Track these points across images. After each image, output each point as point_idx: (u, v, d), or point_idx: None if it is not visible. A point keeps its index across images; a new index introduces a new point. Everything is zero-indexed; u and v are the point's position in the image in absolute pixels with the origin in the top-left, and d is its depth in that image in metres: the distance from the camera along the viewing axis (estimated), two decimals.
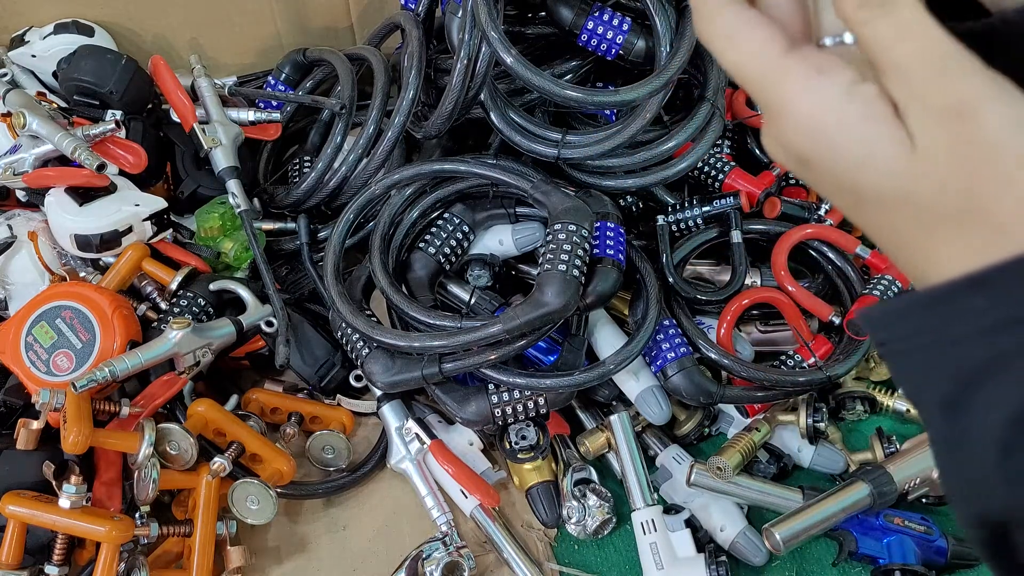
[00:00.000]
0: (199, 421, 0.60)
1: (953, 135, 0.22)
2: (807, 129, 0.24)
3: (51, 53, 0.72)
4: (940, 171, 0.22)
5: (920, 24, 0.22)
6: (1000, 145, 0.22)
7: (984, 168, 0.22)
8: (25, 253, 0.65)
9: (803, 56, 0.24)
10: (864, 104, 0.23)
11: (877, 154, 0.23)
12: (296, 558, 0.61)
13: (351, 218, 0.66)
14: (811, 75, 0.24)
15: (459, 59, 0.62)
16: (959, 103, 0.22)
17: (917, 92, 0.23)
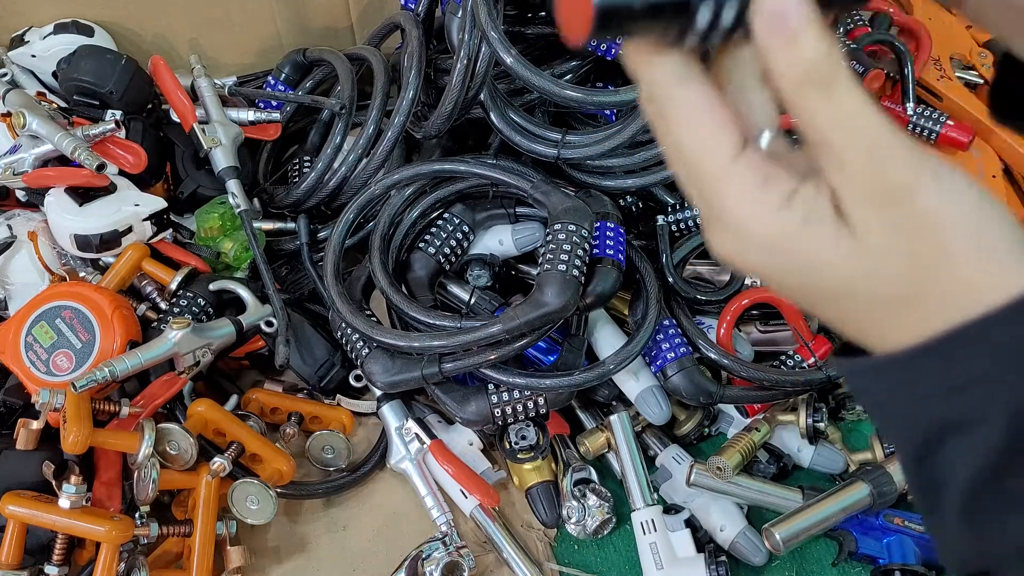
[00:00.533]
0: (199, 421, 0.60)
1: (889, 221, 0.23)
2: (750, 244, 0.24)
3: (51, 53, 0.72)
4: (882, 259, 0.23)
5: (856, 106, 0.22)
6: (935, 223, 0.22)
7: (923, 247, 0.23)
8: (25, 253, 0.65)
9: (749, 164, 0.24)
10: (804, 210, 0.23)
11: (820, 258, 0.24)
12: (296, 558, 0.61)
13: (351, 218, 0.66)
14: (755, 188, 0.24)
15: (459, 59, 0.62)
16: (893, 188, 0.22)
17: (855, 181, 0.23)
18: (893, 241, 0.23)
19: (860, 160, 0.22)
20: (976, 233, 0.23)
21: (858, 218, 0.23)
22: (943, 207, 0.22)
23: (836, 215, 0.23)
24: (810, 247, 0.24)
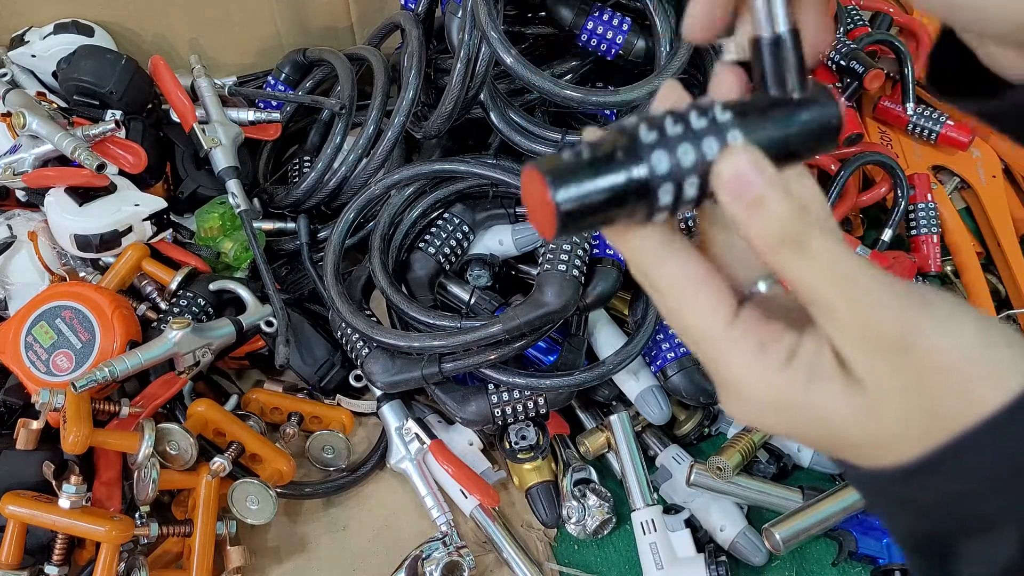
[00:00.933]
0: (199, 421, 0.60)
1: (893, 370, 0.22)
2: (761, 407, 0.24)
3: (51, 53, 0.72)
4: (893, 407, 0.23)
5: (835, 260, 0.22)
6: (941, 366, 0.22)
7: (933, 391, 0.22)
8: (25, 253, 0.65)
9: (745, 329, 0.24)
10: (807, 369, 0.23)
11: (832, 413, 0.23)
12: (296, 558, 0.61)
13: (351, 218, 0.66)
14: (755, 353, 0.23)
15: (459, 59, 0.62)
16: (890, 337, 0.22)
17: (849, 332, 0.22)
18: (901, 389, 0.22)
19: (851, 313, 0.22)
20: (980, 361, 0.22)
21: (861, 369, 0.23)
22: (946, 349, 0.22)
23: (839, 368, 0.23)
24: (819, 404, 0.23)
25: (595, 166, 0.22)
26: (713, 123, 0.23)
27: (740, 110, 0.23)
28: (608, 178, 0.22)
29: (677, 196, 0.23)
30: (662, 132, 0.23)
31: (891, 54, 0.79)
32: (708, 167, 0.22)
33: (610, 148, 0.22)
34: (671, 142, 0.22)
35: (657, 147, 0.22)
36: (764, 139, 0.23)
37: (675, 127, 0.23)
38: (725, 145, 0.22)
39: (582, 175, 0.22)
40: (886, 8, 0.84)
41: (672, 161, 0.22)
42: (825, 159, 0.74)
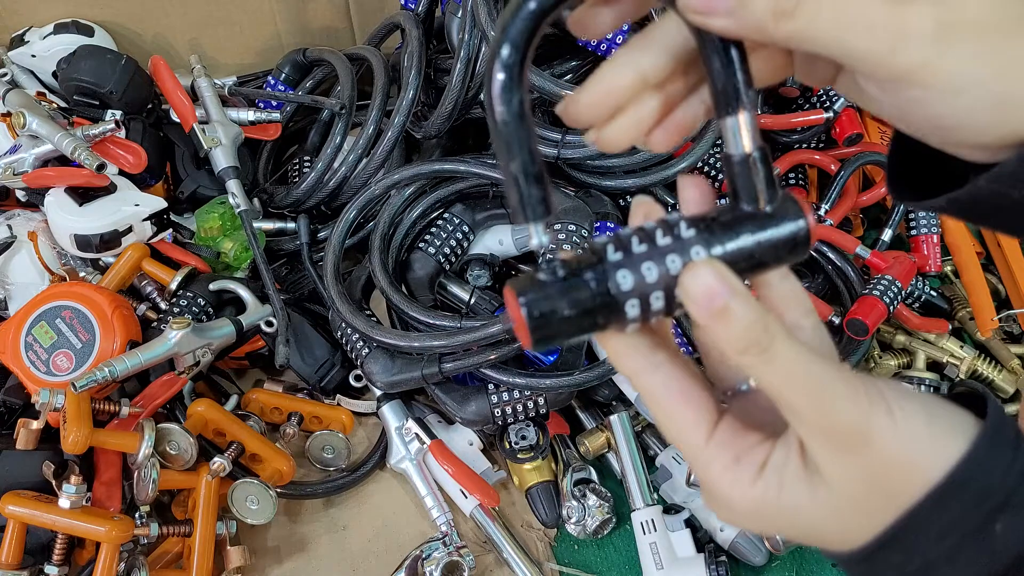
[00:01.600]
0: (199, 421, 0.60)
1: (853, 467, 0.24)
2: (739, 513, 0.26)
3: (51, 53, 0.72)
4: (857, 497, 0.25)
5: (797, 364, 0.24)
6: (896, 461, 0.24)
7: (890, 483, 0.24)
8: (25, 253, 0.65)
9: (722, 443, 0.26)
10: (778, 478, 0.25)
11: (802, 513, 0.25)
12: (296, 558, 0.61)
13: (351, 218, 0.66)
14: (730, 466, 0.26)
15: (459, 59, 0.62)
16: (849, 435, 0.24)
17: (813, 431, 0.24)
18: (861, 481, 0.24)
19: (813, 413, 0.24)
20: (926, 441, 0.24)
21: (825, 468, 0.25)
22: (898, 439, 0.24)
23: (806, 470, 0.25)
24: (790, 506, 0.25)
25: (564, 285, 0.24)
26: (678, 240, 0.24)
27: (706, 226, 0.25)
28: (575, 296, 0.24)
29: (645, 310, 0.24)
30: (627, 251, 0.24)
31: None
32: (673, 282, 0.24)
33: (578, 267, 0.24)
34: (636, 260, 0.24)
35: (622, 266, 0.24)
36: (730, 253, 0.24)
37: (640, 246, 0.24)
38: (689, 261, 0.24)
39: (552, 293, 0.24)
40: None
41: (636, 279, 0.24)
42: (825, 159, 0.74)
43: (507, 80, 0.24)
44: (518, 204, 0.25)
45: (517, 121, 0.24)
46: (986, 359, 0.67)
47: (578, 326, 0.24)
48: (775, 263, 0.25)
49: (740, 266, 0.25)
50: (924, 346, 0.67)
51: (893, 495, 0.24)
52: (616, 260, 0.24)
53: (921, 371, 0.67)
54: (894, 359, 0.68)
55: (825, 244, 0.68)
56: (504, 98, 0.24)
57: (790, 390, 0.24)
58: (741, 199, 0.25)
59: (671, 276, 0.24)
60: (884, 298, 0.63)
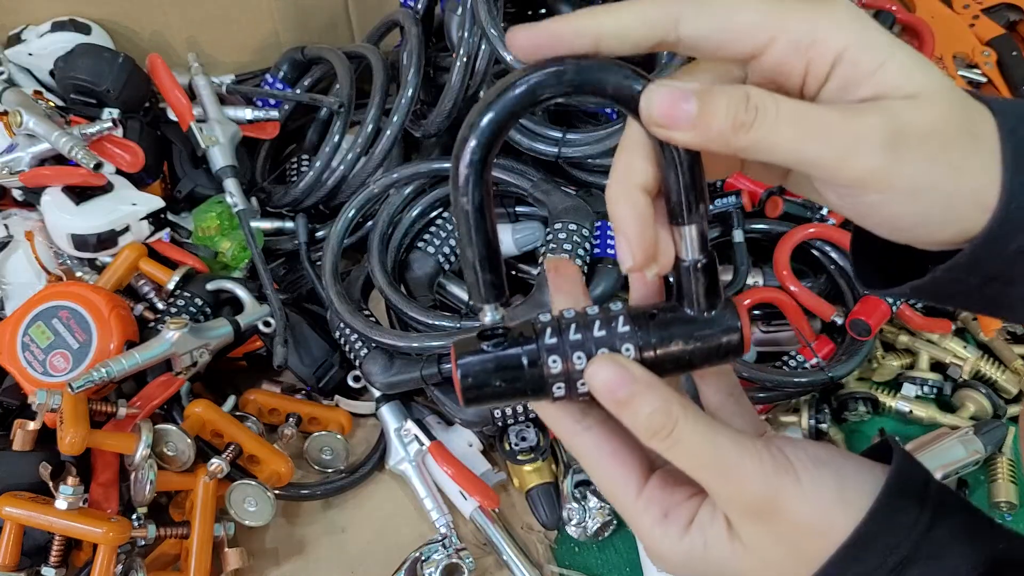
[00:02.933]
0: (196, 422, 0.60)
1: (767, 532, 0.26)
2: (671, 564, 0.28)
3: (48, 51, 0.72)
4: (775, 558, 0.27)
5: (702, 445, 0.26)
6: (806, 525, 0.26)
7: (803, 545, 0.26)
8: (22, 253, 0.65)
9: (651, 499, 0.28)
10: (703, 536, 0.27)
11: (726, 568, 0.27)
12: (294, 560, 0.60)
13: (349, 217, 0.65)
14: (660, 521, 0.28)
15: (458, 57, 0.61)
16: (761, 503, 0.26)
17: (726, 503, 0.27)
18: (775, 545, 0.27)
19: (723, 488, 0.26)
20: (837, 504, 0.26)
21: (744, 533, 0.27)
22: (808, 504, 0.26)
23: (729, 532, 0.27)
24: (716, 561, 0.27)
25: (498, 356, 0.26)
26: (612, 334, 0.26)
27: (643, 324, 0.26)
28: (507, 370, 0.26)
29: (570, 391, 0.26)
30: (562, 336, 0.26)
31: None
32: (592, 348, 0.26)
33: (514, 344, 0.26)
34: (568, 348, 0.26)
35: (554, 351, 0.26)
36: (660, 355, 0.26)
37: (575, 334, 0.26)
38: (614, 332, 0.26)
39: (487, 362, 0.26)
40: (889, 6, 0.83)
41: (564, 365, 0.26)
42: None
43: (473, 175, 0.25)
44: (473, 286, 0.27)
45: (478, 213, 0.26)
46: (989, 360, 0.66)
47: (507, 394, 0.26)
48: (708, 364, 0.27)
49: (668, 366, 0.26)
50: (927, 346, 0.67)
51: (807, 557, 0.26)
52: (551, 344, 0.26)
53: (924, 371, 0.66)
54: (897, 359, 0.67)
55: (828, 244, 0.68)
56: (467, 191, 0.26)
57: (698, 470, 0.26)
58: (684, 301, 0.27)
59: (595, 339, 0.26)
60: (887, 298, 0.63)
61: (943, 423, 0.63)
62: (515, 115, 0.25)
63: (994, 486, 0.60)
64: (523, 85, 0.25)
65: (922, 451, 0.59)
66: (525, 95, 0.25)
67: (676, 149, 0.26)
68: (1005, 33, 0.83)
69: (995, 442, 0.60)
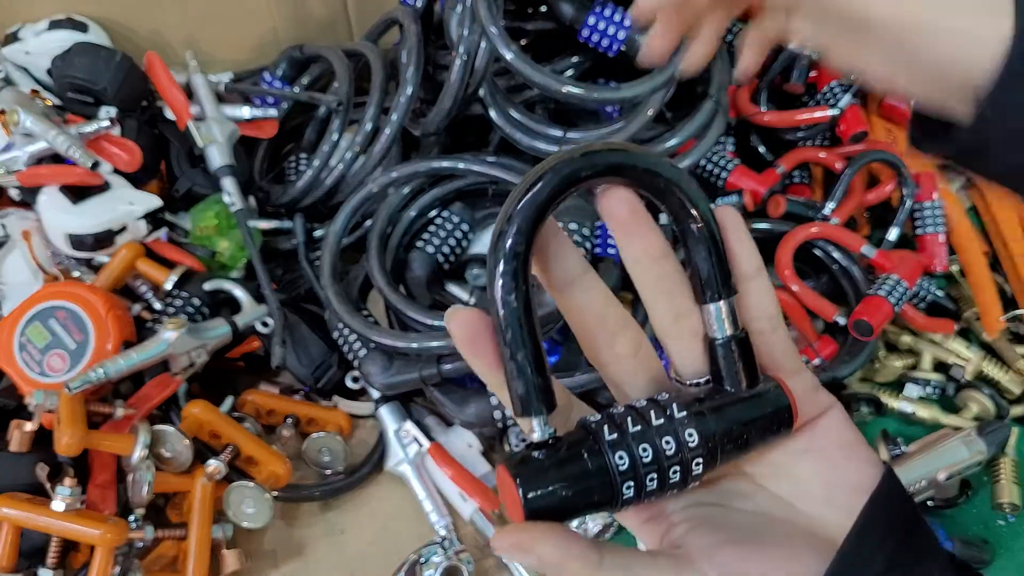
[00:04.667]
0: (194, 423, 0.59)
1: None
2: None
3: (45, 50, 0.71)
4: None
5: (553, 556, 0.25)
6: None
7: None
8: (18, 252, 0.65)
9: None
10: None
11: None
12: (293, 562, 0.60)
13: (348, 216, 0.65)
14: None
15: (458, 55, 0.61)
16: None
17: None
18: None
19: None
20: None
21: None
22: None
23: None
24: None
25: (561, 466, 0.24)
26: (670, 420, 0.25)
27: (695, 408, 0.26)
28: (573, 478, 0.24)
29: (639, 491, 0.25)
30: (622, 431, 0.25)
31: None
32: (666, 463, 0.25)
33: (575, 447, 0.24)
34: (631, 441, 0.25)
35: (618, 446, 0.24)
36: (719, 433, 0.25)
37: (635, 427, 0.25)
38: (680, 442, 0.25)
39: (549, 476, 0.24)
40: None
41: (632, 459, 0.24)
42: (830, 157, 0.73)
43: (514, 270, 0.24)
44: (522, 397, 0.24)
45: (524, 312, 0.24)
46: (992, 360, 0.66)
47: (573, 506, 0.24)
48: (761, 442, 0.27)
49: (728, 448, 0.26)
50: (930, 347, 0.66)
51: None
52: (612, 439, 0.25)
53: (927, 372, 0.66)
54: (900, 360, 0.67)
55: (830, 243, 0.67)
56: (510, 287, 0.24)
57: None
58: (725, 381, 0.26)
59: (666, 457, 0.25)
60: (890, 298, 0.62)
61: (946, 424, 0.63)
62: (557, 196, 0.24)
63: (997, 487, 0.59)
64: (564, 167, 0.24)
65: (925, 452, 0.58)
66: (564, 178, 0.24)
67: (702, 225, 0.25)
68: None
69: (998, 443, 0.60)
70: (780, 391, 0.26)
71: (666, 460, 0.25)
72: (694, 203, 0.26)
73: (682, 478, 0.25)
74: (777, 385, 0.27)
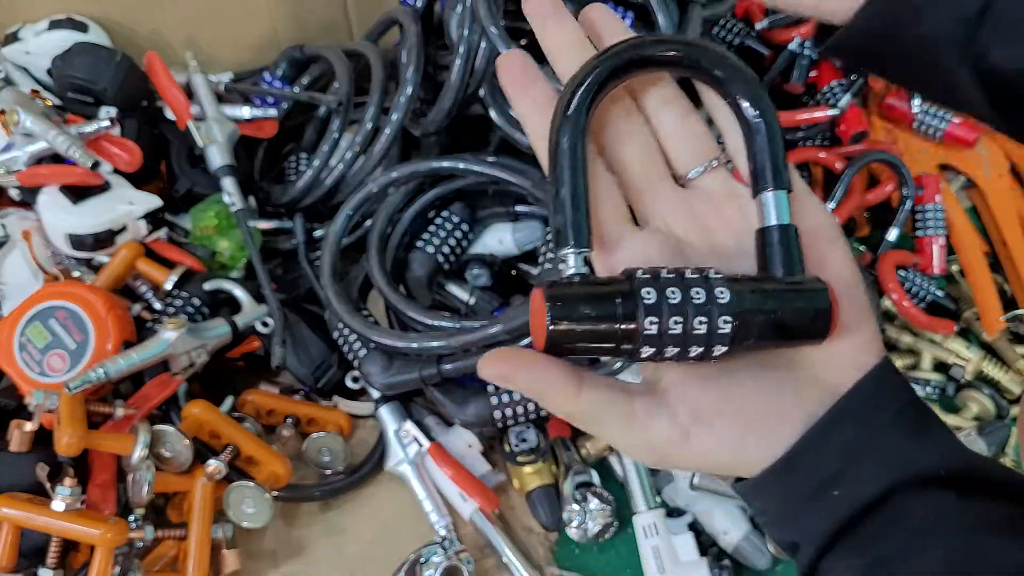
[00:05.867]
0: (194, 423, 0.59)
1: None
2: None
3: (45, 50, 0.71)
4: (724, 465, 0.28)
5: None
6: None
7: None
8: (19, 252, 0.64)
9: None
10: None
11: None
12: (293, 562, 0.60)
13: (348, 216, 0.65)
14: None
15: (458, 55, 0.61)
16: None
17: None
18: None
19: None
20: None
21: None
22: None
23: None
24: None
25: (593, 306, 0.25)
26: (705, 279, 0.25)
27: (732, 276, 0.26)
28: (601, 323, 0.25)
29: (661, 334, 0.25)
30: (656, 276, 0.25)
31: None
32: (689, 311, 0.25)
33: (612, 295, 0.25)
34: (666, 311, 0.25)
35: (651, 312, 0.25)
36: (751, 304, 0.25)
37: (674, 296, 0.25)
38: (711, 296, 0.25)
39: (580, 311, 0.24)
40: None
41: (661, 328, 0.25)
42: (830, 157, 0.73)
43: (575, 117, 0.26)
44: (560, 228, 0.26)
45: (576, 149, 0.26)
46: (992, 360, 0.66)
47: (591, 346, 0.25)
48: (795, 336, 0.26)
49: (764, 329, 0.26)
50: (930, 347, 0.66)
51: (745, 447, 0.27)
52: (643, 278, 0.25)
53: (927, 372, 0.66)
54: (900, 359, 0.67)
55: None
56: (566, 131, 0.26)
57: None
58: (771, 268, 0.27)
59: (693, 305, 0.25)
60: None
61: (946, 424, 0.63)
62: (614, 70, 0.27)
63: None
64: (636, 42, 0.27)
65: None
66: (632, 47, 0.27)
67: (760, 117, 0.27)
68: None
69: (998, 443, 0.60)
70: (824, 292, 0.26)
71: (693, 308, 0.25)
72: (755, 95, 0.27)
73: (708, 334, 0.25)
74: (823, 286, 0.26)
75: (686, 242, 0.29)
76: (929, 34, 0.28)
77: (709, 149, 0.30)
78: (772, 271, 0.27)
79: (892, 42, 0.30)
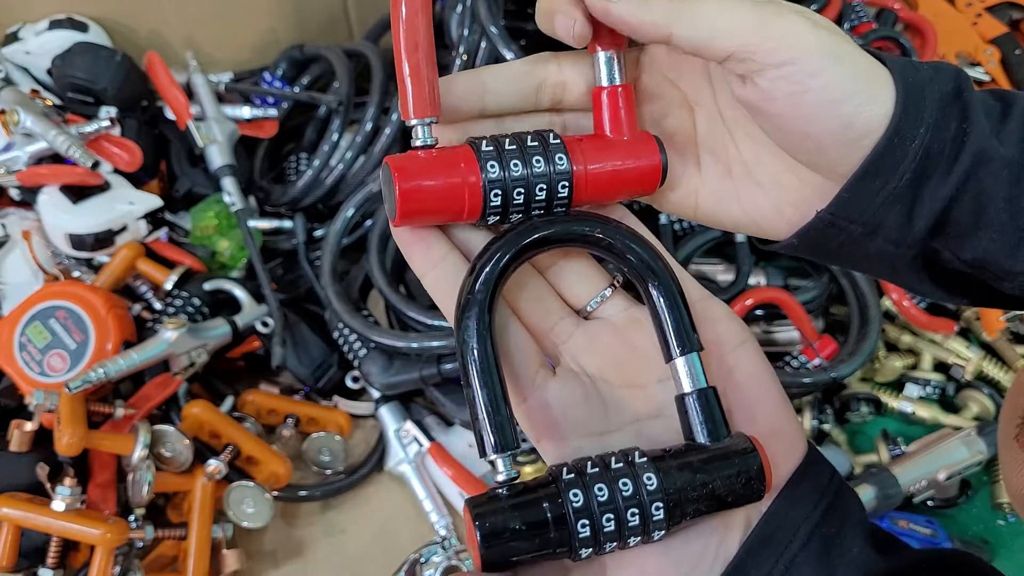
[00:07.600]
0: (194, 423, 0.59)
1: None
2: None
3: (45, 49, 0.71)
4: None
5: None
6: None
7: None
8: (19, 252, 0.65)
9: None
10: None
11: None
12: (293, 562, 0.60)
13: (348, 216, 0.65)
14: None
15: (458, 55, 0.61)
16: None
17: None
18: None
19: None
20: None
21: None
22: None
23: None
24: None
25: (523, 519, 0.24)
26: (630, 465, 0.25)
27: (658, 455, 0.26)
28: (535, 535, 0.24)
29: (596, 533, 0.25)
30: (580, 473, 0.25)
31: (897, 51, 0.78)
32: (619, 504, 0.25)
33: (539, 501, 0.25)
34: (596, 510, 0.25)
35: (582, 516, 0.25)
36: (681, 481, 0.25)
37: (602, 493, 0.25)
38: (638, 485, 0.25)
39: (511, 527, 0.24)
40: (891, 4, 0.83)
41: (594, 527, 0.25)
42: None
43: (478, 316, 0.26)
44: (491, 434, 0.26)
45: (485, 354, 0.26)
46: (992, 360, 0.66)
47: (529, 547, 0.25)
48: (731, 501, 0.26)
49: (694, 498, 0.25)
50: (930, 347, 0.66)
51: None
52: (569, 479, 0.25)
53: (927, 372, 0.66)
54: (900, 360, 0.67)
55: None
56: (473, 331, 0.26)
57: None
58: (695, 435, 0.27)
59: (623, 498, 0.25)
60: None
61: (946, 424, 0.63)
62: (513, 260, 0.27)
63: (996, 487, 0.59)
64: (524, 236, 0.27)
65: (925, 452, 0.58)
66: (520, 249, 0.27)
67: (661, 285, 0.27)
68: (1008, 32, 0.83)
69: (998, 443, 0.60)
70: (754, 454, 0.26)
71: (623, 501, 0.25)
72: (650, 263, 0.27)
73: (642, 524, 0.25)
74: (751, 447, 0.26)
75: (600, 379, 0.29)
76: (875, 252, 0.27)
77: (600, 279, 0.30)
78: (696, 439, 0.27)
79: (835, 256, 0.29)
